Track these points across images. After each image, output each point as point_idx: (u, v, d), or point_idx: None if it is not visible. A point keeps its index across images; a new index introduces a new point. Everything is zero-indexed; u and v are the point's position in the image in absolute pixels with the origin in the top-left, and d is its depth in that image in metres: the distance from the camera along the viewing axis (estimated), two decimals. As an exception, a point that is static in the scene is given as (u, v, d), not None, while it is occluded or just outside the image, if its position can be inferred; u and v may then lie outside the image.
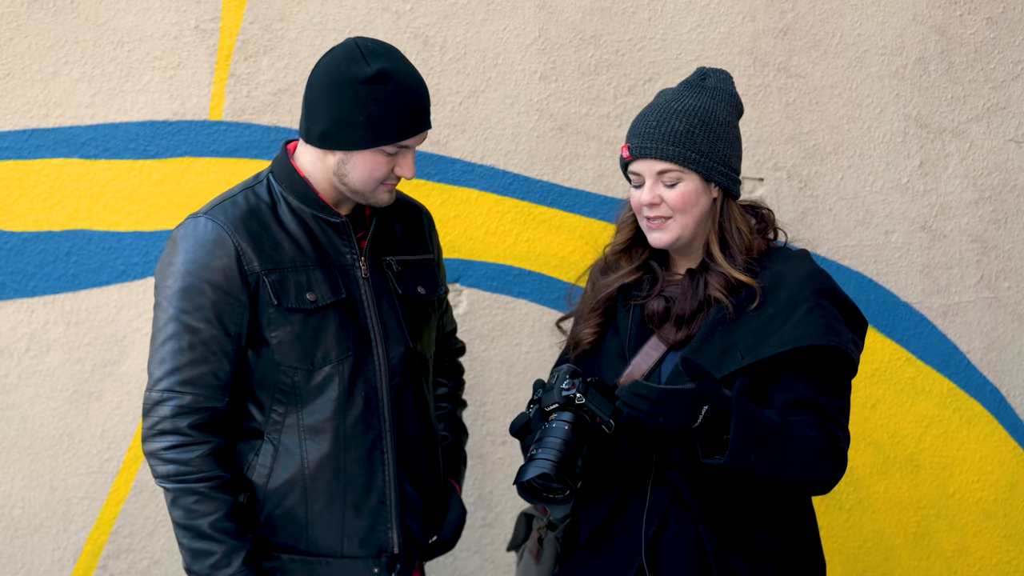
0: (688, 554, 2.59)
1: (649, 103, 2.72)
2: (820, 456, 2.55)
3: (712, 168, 2.63)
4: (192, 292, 2.58)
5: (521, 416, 2.63)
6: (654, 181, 2.64)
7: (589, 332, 2.77)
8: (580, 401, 2.53)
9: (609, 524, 2.67)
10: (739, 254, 2.65)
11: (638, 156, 2.65)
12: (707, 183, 2.65)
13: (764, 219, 2.76)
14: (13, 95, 3.32)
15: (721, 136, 2.66)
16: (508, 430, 2.67)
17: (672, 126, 2.63)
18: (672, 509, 2.61)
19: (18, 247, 3.34)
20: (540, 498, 2.51)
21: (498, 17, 3.51)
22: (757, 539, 2.60)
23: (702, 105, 2.66)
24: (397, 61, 2.62)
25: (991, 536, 3.85)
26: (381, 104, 2.57)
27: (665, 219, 2.65)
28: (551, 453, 2.47)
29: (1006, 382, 3.83)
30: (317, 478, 2.63)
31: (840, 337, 2.58)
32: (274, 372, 2.62)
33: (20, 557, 3.39)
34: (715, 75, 2.74)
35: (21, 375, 3.36)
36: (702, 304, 2.65)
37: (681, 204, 2.63)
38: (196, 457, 2.58)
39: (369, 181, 2.63)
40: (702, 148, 2.63)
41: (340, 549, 2.66)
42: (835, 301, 2.63)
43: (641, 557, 2.60)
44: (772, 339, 2.56)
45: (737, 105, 2.73)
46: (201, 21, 3.38)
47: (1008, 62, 3.76)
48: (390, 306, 2.71)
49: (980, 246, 3.79)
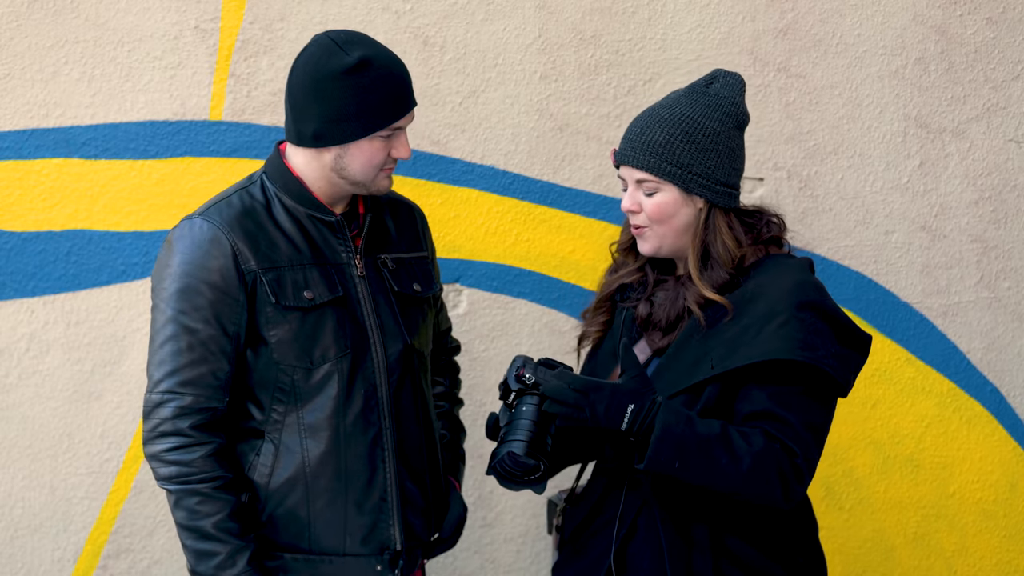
0: (654, 558, 2.58)
1: (651, 104, 2.72)
2: (762, 469, 2.46)
3: (691, 180, 2.58)
4: (190, 293, 2.58)
5: (490, 416, 2.63)
6: (634, 188, 2.63)
7: (594, 330, 2.78)
8: (531, 380, 2.53)
9: (589, 523, 2.68)
10: (721, 267, 2.60)
11: (620, 162, 2.65)
12: (688, 195, 2.60)
13: (771, 226, 2.69)
14: (13, 95, 3.32)
15: (705, 148, 2.59)
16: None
17: (653, 136, 2.59)
18: (642, 513, 2.60)
19: (18, 247, 3.34)
20: (517, 481, 2.51)
21: (498, 17, 3.51)
22: (726, 545, 2.57)
23: (691, 115, 2.61)
24: (374, 46, 2.63)
25: (991, 536, 3.85)
26: (369, 91, 2.57)
27: (644, 227, 2.64)
28: (520, 434, 2.48)
29: (1006, 382, 3.83)
30: (318, 476, 2.63)
31: (815, 352, 2.50)
32: (273, 371, 2.62)
33: (20, 557, 3.39)
34: (723, 80, 2.68)
35: (21, 375, 3.36)
36: (680, 315, 2.63)
37: (657, 215, 2.61)
38: (198, 458, 2.58)
39: (369, 169, 2.63)
40: (680, 160, 2.58)
41: (343, 547, 2.66)
42: (820, 314, 2.55)
43: (610, 560, 2.60)
44: (742, 350, 2.51)
45: (736, 115, 2.65)
46: (201, 21, 3.38)
47: (1008, 62, 3.76)
48: (386, 303, 2.72)
49: (980, 246, 3.79)
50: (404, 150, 2.65)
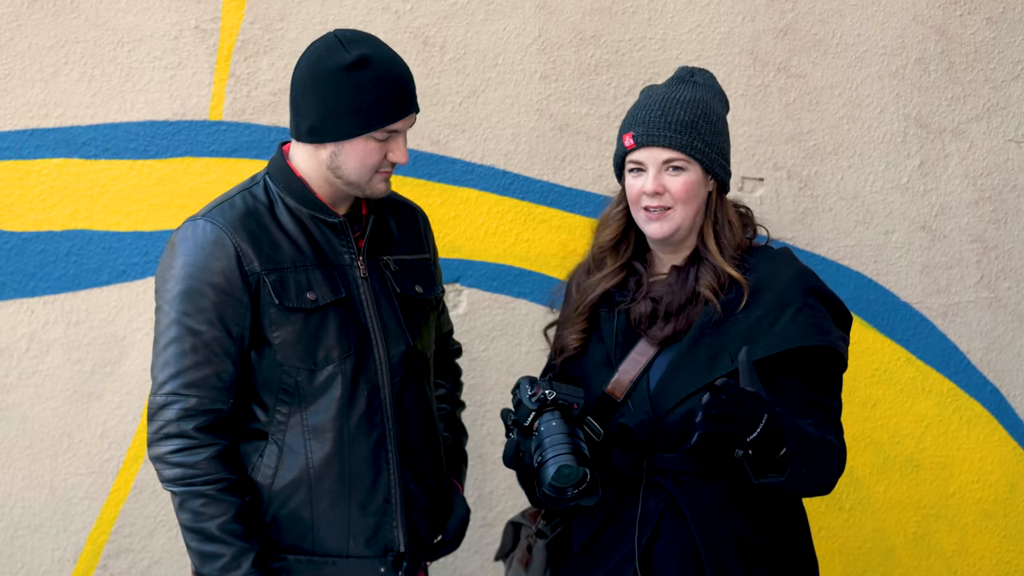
0: (682, 560, 2.58)
1: (642, 97, 2.72)
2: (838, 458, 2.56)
3: (713, 160, 2.64)
4: (193, 295, 2.58)
5: (508, 444, 2.62)
6: (658, 170, 2.64)
7: (575, 338, 2.75)
8: (552, 397, 2.54)
9: (601, 533, 2.66)
10: (729, 249, 2.66)
11: (644, 144, 2.64)
12: (706, 175, 2.65)
13: (744, 217, 2.75)
14: (13, 95, 3.31)
15: (719, 129, 2.68)
16: (503, 463, 2.67)
17: (677, 115, 2.63)
18: (665, 516, 2.60)
19: (18, 247, 3.34)
20: (566, 497, 2.50)
21: (498, 17, 3.51)
22: (748, 542, 2.59)
23: (701, 97, 2.67)
24: (378, 47, 2.63)
25: (991, 536, 3.85)
26: (365, 89, 2.57)
27: (666, 209, 2.64)
28: (559, 448, 2.48)
29: (1006, 382, 3.83)
30: (322, 478, 2.63)
31: (830, 336, 2.58)
32: (277, 372, 2.62)
33: (20, 557, 3.39)
34: (701, 73, 2.75)
35: (21, 375, 3.36)
36: (690, 298, 2.64)
37: (684, 194, 2.63)
38: (203, 460, 2.57)
39: (363, 170, 2.63)
40: (706, 139, 2.64)
41: (346, 549, 2.66)
42: (822, 299, 2.63)
43: (635, 565, 2.60)
44: (762, 341, 2.55)
45: (726, 102, 2.75)
46: (201, 21, 3.38)
47: (1008, 62, 3.76)
48: (389, 305, 2.71)
49: (980, 246, 3.79)
50: (401, 154, 2.64)
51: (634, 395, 2.64)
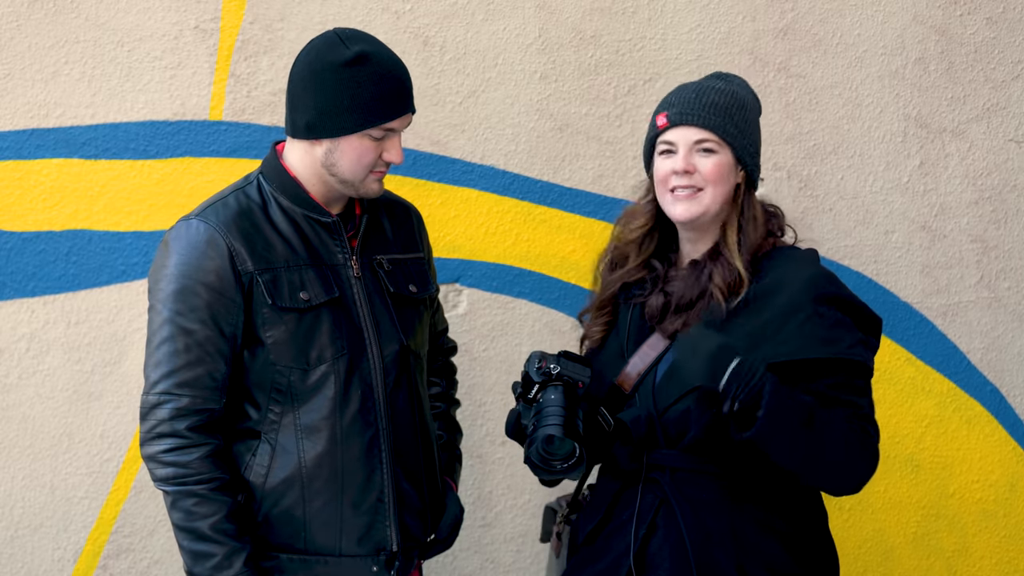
0: (675, 556, 2.58)
1: (676, 88, 2.73)
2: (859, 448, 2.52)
3: (744, 148, 2.64)
4: (186, 294, 2.58)
5: (511, 414, 2.63)
6: (688, 151, 2.63)
7: (597, 330, 2.77)
8: (556, 371, 2.55)
9: (604, 526, 2.68)
10: (748, 246, 2.64)
11: (677, 123, 2.64)
12: (736, 163, 2.64)
13: (773, 216, 2.74)
14: (13, 95, 3.32)
15: (752, 121, 2.68)
16: (504, 432, 2.68)
17: (712, 99, 2.64)
18: (661, 512, 2.61)
19: (18, 247, 3.34)
20: (551, 469, 2.51)
21: (498, 17, 3.51)
22: (747, 540, 2.58)
23: (736, 91, 2.68)
24: (376, 45, 2.64)
25: (991, 536, 3.85)
26: (363, 86, 2.58)
27: (696, 190, 2.62)
28: (551, 419, 2.49)
29: (1006, 382, 3.83)
30: (315, 477, 2.63)
31: (837, 346, 2.55)
32: (270, 372, 2.62)
33: (20, 557, 3.39)
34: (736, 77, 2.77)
35: (21, 375, 3.36)
36: (702, 294, 2.63)
37: (715, 175, 2.62)
38: (195, 459, 2.58)
39: (358, 169, 2.63)
40: (739, 125, 2.64)
41: (338, 548, 2.66)
42: (838, 305, 2.59)
43: (630, 560, 2.60)
44: (765, 347, 2.53)
45: (759, 106, 2.75)
46: (201, 21, 3.38)
47: (1008, 62, 3.76)
48: (382, 304, 2.72)
49: (980, 246, 3.78)
50: (396, 154, 2.65)
51: (640, 388, 2.65)
